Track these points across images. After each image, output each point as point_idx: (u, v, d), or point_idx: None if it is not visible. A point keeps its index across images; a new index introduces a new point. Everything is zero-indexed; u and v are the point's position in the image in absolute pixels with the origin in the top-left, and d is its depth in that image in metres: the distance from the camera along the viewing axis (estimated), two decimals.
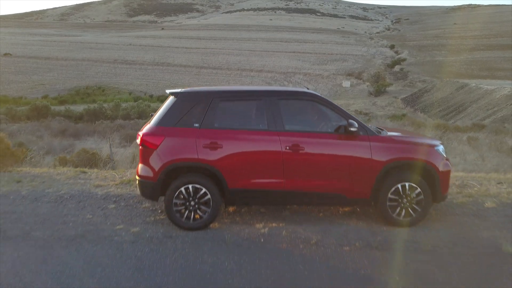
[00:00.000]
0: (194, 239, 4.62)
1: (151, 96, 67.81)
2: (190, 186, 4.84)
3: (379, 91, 74.74)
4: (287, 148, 4.89)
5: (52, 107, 42.61)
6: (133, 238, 4.67)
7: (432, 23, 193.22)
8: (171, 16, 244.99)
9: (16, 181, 7.07)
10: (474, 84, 56.52)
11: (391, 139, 5.07)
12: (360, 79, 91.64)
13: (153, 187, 4.89)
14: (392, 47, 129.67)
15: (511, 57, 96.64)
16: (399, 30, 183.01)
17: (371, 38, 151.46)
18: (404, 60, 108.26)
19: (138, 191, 5.52)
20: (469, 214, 5.50)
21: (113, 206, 5.77)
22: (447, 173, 5.09)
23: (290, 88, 5.49)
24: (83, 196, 6.22)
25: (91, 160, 11.42)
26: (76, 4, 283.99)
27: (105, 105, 41.75)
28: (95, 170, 8.54)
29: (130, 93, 76.25)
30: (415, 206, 4.96)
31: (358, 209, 5.58)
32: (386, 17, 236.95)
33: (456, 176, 7.70)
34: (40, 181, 7.08)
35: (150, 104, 44.54)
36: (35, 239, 4.67)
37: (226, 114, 5.08)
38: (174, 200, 4.84)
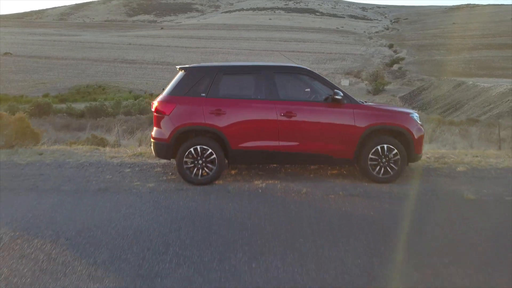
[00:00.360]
0: (202, 190, 5.40)
1: (151, 94, 68.54)
2: (198, 147, 5.61)
3: (377, 90, 75.52)
4: (282, 114, 5.66)
5: (54, 105, 43.34)
6: (150, 190, 5.44)
7: (431, 22, 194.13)
8: (170, 16, 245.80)
9: (38, 154, 7.83)
10: (471, 82, 57.18)
11: (371, 107, 5.85)
12: (359, 77, 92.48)
13: (167, 147, 5.67)
14: (390, 46, 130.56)
15: (509, 56, 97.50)
16: (398, 30, 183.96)
17: (370, 38, 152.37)
18: (402, 59, 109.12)
19: (152, 153, 6.29)
20: (441, 175, 6.29)
21: (128, 170, 6.54)
22: (421, 136, 5.86)
23: (284, 63, 6.28)
24: (101, 164, 6.99)
25: (100, 145, 12.20)
26: (76, 4, 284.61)
27: (106, 103, 42.43)
28: (107, 147, 9.31)
29: (130, 92, 76.96)
30: (392, 165, 5.73)
31: (345, 172, 6.36)
32: (385, 17, 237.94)
33: (438, 152, 8.49)
34: (60, 154, 7.84)
35: (151, 101, 45.16)
36: (66, 191, 5.44)
37: (229, 85, 5.86)
38: (185, 159, 5.62)
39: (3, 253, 3.54)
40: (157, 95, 6.44)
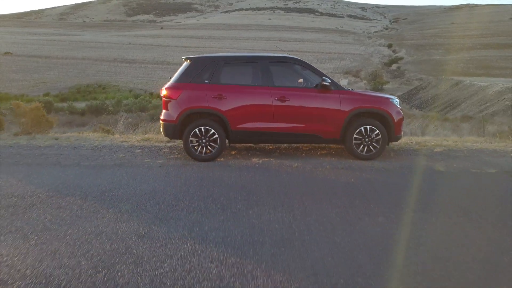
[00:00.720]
0: (206, 165, 6.13)
1: (151, 93, 69.10)
2: (202, 127, 6.35)
3: (376, 89, 76.26)
4: (276, 99, 6.40)
5: (55, 104, 43.95)
6: (160, 165, 6.17)
7: (430, 22, 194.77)
8: (170, 15, 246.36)
9: (55, 139, 8.56)
10: (468, 81, 57.82)
11: (355, 93, 6.59)
12: (358, 77, 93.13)
13: (174, 128, 6.41)
14: (389, 46, 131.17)
15: (508, 55, 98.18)
16: (397, 30, 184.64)
17: (369, 37, 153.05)
18: (401, 58, 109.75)
19: (159, 138, 7.02)
20: (419, 154, 7.03)
21: (139, 150, 7.27)
22: (400, 119, 6.60)
23: (279, 54, 7.03)
24: (113, 146, 7.72)
25: (108, 133, 12.91)
26: (75, 4, 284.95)
27: (106, 101, 43.04)
28: (116, 135, 10.04)
29: (130, 91, 77.53)
30: (374, 144, 6.47)
31: (333, 152, 7.09)
32: (385, 17, 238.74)
33: (422, 138, 9.23)
34: (74, 139, 8.57)
35: (151, 100, 45.83)
36: (85, 165, 6.17)
37: (229, 73, 6.59)
38: (190, 138, 6.36)
39: (43, 205, 4.27)
40: (157, 94, 7.18)
